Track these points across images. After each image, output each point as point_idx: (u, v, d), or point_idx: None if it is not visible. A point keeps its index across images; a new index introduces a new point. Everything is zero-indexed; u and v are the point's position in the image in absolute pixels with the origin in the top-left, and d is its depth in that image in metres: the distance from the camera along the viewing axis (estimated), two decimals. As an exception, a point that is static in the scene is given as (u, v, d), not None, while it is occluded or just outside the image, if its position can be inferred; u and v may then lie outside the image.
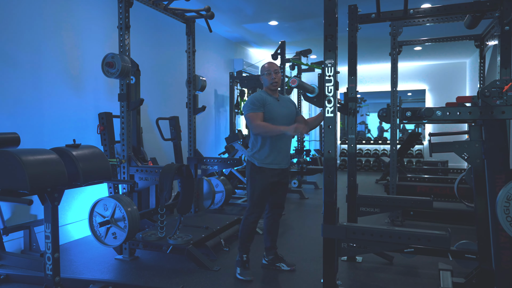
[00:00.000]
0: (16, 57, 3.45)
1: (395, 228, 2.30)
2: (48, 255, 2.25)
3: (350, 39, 3.15)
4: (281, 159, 2.90)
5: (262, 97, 2.88)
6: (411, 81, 10.51)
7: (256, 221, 2.94)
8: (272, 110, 2.87)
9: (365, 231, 2.23)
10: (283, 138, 2.86)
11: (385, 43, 7.05)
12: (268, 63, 2.95)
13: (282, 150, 2.89)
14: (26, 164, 2.03)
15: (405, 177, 5.16)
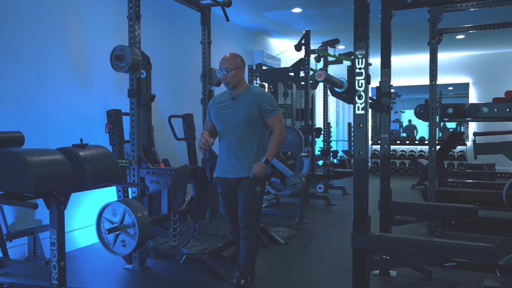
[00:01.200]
0: (19, 51, 3.55)
1: (434, 239, 2.26)
2: (53, 263, 2.31)
3: (383, 27, 3.11)
4: (224, 167, 2.87)
5: (214, 99, 2.95)
6: (453, 74, 10.29)
7: (233, 231, 3.05)
8: (216, 113, 2.89)
9: (400, 242, 2.19)
10: (226, 141, 2.84)
11: (423, 31, 6.92)
12: (222, 59, 2.87)
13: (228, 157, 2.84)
14: (31, 165, 2.08)
15: (446, 182, 5.05)
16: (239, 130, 2.82)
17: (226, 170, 2.86)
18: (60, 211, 2.29)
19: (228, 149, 2.84)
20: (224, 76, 2.83)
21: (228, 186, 2.90)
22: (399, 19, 6.19)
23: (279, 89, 6.85)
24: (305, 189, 6.06)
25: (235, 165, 2.83)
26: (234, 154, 2.83)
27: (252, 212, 2.83)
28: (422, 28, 7.12)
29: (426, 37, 4.50)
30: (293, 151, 5.35)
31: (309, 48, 6.16)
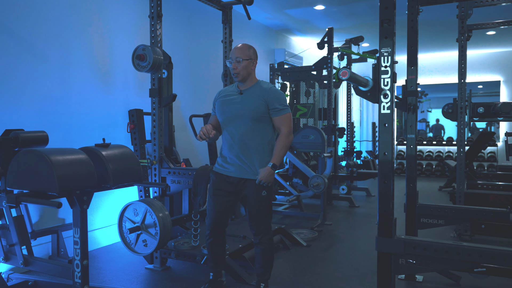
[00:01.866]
0: (44, 51, 3.65)
1: (463, 243, 2.21)
2: (76, 262, 2.37)
3: (409, 24, 3.06)
4: (230, 165, 2.69)
5: (220, 92, 2.83)
6: (483, 72, 10.04)
7: (210, 237, 2.79)
8: (221, 107, 2.74)
9: (427, 246, 2.16)
10: (233, 138, 2.67)
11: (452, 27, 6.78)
12: (233, 48, 2.75)
13: (233, 153, 2.68)
14: (55, 164, 2.14)
15: (475, 184, 4.94)
16: (244, 127, 2.65)
17: (228, 167, 2.69)
18: (83, 210, 2.35)
19: (231, 146, 2.68)
20: (234, 66, 2.66)
21: (226, 184, 2.70)
22: (426, 15, 6.08)
23: (301, 88, 6.83)
24: (328, 190, 6.02)
25: (238, 164, 2.67)
26: (238, 152, 2.66)
27: (260, 219, 2.70)
28: (450, 24, 6.97)
29: (454, 33, 4.41)
30: (315, 151, 5.32)
31: (332, 46, 6.12)
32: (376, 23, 2.22)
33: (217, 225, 2.76)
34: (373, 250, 3.18)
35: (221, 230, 2.80)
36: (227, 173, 2.70)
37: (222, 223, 2.77)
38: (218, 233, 2.79)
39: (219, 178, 2.73)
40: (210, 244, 2.82)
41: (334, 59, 6.20)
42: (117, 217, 3.06)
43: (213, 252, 2.85)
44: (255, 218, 2.70)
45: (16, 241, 2.65)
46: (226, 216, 2.78)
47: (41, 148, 2.37)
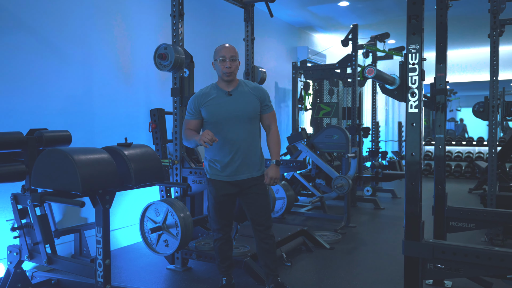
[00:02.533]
0: (66, 51, 3.74)
1: (495, 248, 2.16)
2: (99, 261, 2.42)
3: (438, 19, 3.01)
4: (236, 169, 2.68)
5: (201, 96, 2.69)
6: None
7: (220, 239, 2.81)
8: (213, 110, 2.64)
9: (457, 251, 2.12)
10: (230, 141, 2.65)
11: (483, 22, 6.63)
12: (223, 46, 2.70)
13: (235, 158, 2.67)
14: (78, 164, 2.19)
15: (508, 187, 4.82)
16: (244, 128, 2.67)
17: (234, 173, 2.69)
18: (106, 210, 2.40)
19: (228, 149, 2.66)
20: (230, 65, 2.64)
21: (230, 188, 2.71)
22: (456, 10, 5.96)
23: (324, 87, 6.80)
24: (352, 191, 5.97)
25: (245, 166, 2.69)
26: (244, 155, 2.68)
27: (269, 213, 2.81)
28: (481, 19, 6.82)
29: (486, 29, 4.31)
30: (339, 151, 5.29)
31: (356, 43, 6.06)
32: (403, 19, 2.20)
33: (227, 228, 2.85)
34: (399, 254, 3.14)
35: (230, 231, 2.89)
36: (230, 179, 2.71)
37: (230, 225, 2.89)
38: (228, 234, 2.87)
39: (220, 185, 2.73)
40: (221, 246, 2.83)
41: (358, 56, 6.14)
42: (139, 217, 3.11)
43: (224, 254, 2.85)
44: (265, 213, 2.78)
45: (40, 240, 2.73)
46: (232, 217, 2.92)
47: (64, 148, 2.43)
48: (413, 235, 2.18)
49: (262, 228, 2.78)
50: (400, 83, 2.26)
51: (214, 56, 2.73)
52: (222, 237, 2.82)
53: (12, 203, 2.75)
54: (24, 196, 2.71)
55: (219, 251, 2.85)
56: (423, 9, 2.12)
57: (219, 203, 2.76)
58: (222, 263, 2.87)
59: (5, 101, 3.29)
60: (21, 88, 3.39)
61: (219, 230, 2.82)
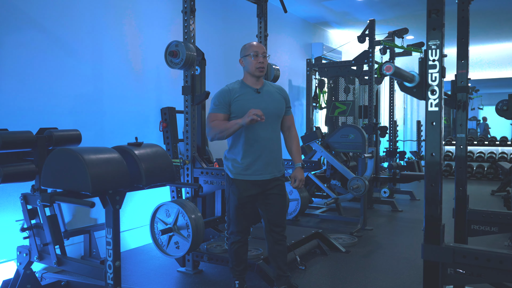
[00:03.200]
0: (76, 48, 3.79)
1: (520, 253, 2.13)
2: (109, 263, 2.44)
3: (460, 14, 2.97)
4: (261, 168, 2.70)
5: (230, 91, 2.69)
6: (542, 65, 9.60)
7: (238, 242, 2.79)
8: (244, 106, 2.65)
9: (479, 255, 2.09)
10: (260, 139, 2.67)
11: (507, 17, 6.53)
12: (253, 43, 2.76)
13: (262, 156, 2.70)
14: (88, 163, 2.21)
15: (533, 189, 4.72)
16: (271, 126, 2.72)
17: (255, 171, 2.71)
18: (116, 210, 2.41)
19: (257, 147, 2.69)
20: (262, 60, 2.70)
21: (254, 189, 2.73)
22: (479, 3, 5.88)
23: (339, 84, 6.76)
24: (369, 193, 5.93)
25: (270, 166, 2.73)
26: (271, 154, 2.72)
27: (285, 215, 2.91)
28: (505, 13, 6.71)
29: (510, 23, 4.24)
30: (355, 151, 5.25)
31: (373, 39, 6.02)
32: (422, 13, 2.18)
33: (247, 230, 2.85)
34: (418, 258, 3.11)
35: (248, 234, 2.89)
36: (256, 178, 2.72)
37: (250, 228, 2.91)
38: (246, 238, 2.87)
39: (244, 185, 2.72)
40: (238, 249, 2.83)
41: (375, 53, 6.09)
42: (149, 218, 3.13)
43: (240, 258, 2.85)
44: (283, 214, 2.85)
45: (50, 241, 2.76)
46: (252, 219, 2.94)
47: (74, 147, 2.46)
48: (433, 238, 2.15)
49: (280, 229, 2.81)
50: (420, 81, 2.24)
51: (244, 52, 2.77)
52: (240, 240, 2.81)
53: (21, 203, 2.80)
54: (34, 196, 2.75)
55: (235, 254, 2.83)
56: (444, 3, 2.09)
57: (242, 205, 2.74)
58: (237, 266, 2.86)
59: (15, 100, 3.34)
60: (31, 87, 3.44)
61: (238, 233, 2.80)
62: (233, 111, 2.69)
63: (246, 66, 2.75)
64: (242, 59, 2.78)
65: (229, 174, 2.77)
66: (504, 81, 9.61)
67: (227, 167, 2.79)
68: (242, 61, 2.77)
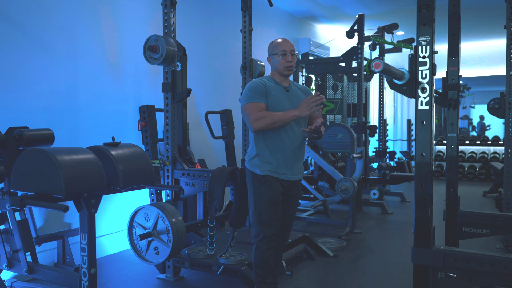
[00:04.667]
0: (49, 42, 3.73)
1: (511, 256, 2.17)
2: (83, 270, 2.41)
3: (451, 9, 3.02)
4: (290, 169, 2.68)
5: (265, 84, 2.67)
6: (534, 62, 9.80)
7: (269, 249, 2.64)
8: (276, 102, 2.64)
9: (470, 258, 2.13)
10: (291, 137, 2.65)
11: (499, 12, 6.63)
12: (282, 40, 2.76)
13: (291, 157, 2.67)
14: (61, 165, 2.19)
15: (525, 189, 4.81)
16: (297, 126, 2.69)
17: (284, 171, 2.66)
18: (91, 214, 2.39)
19: (285, 147, 2.64)
20: (291, 59, 2.70)
21: (281, 189, 2.66)
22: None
23: (328, 82, 6.80)
24: (357, 195, 5.97)
25: (297, 167, 2.73)
26: (299, 154, 2.73)
27: (294, 219, 2.91)
28: (497, 9, 6.82)
29: (502, 19, 4.31)
30: (343, 151, 5.29)
31: (363, 34, 6.06)
32: (412, 8, 2.20)
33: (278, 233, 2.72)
34: (408, 262, 3.14)
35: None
36: (285, 178, 2.66)
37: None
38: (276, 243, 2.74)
39: (276, 183, 2.65)
40: (270, 257, 2.66)
41: (365, 49, 6.14)
42: (127, 222, 3.10)
43: (270, 268, 2.68)
44: (293, 218, 2.86)
45: (20, 247, 2.72)
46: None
47: (46, 147, 2.42)
48: (423, 241, 2.18)
49: (287, 234, 2.83)
50: (410, 78, 2.27)
51: (272, 50, 2.76)
52: (272, 246, 2.66)
53: (-11, 207, 2.75)
54: (3, 200, 2.71)
55: (266, 264, 2.65)
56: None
57: (276, 204, 2.64)
58: (267, 278, 2.67)
59: (-18, 97, 3.28)
60: (0, 83, 3.38)
61: (272, 237, 2.65)
62: (267, 105, 2.63)
63: (274, 65, 2.74)
64: (270, 57, 2.77)
65: (256, 171, 2.65)
66: (496, 79, 9.78)
67: (254, 164, 2.67)
68: (270, 59, 2.77)
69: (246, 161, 2.75)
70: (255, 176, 2.66)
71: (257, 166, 2.66)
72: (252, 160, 2.69)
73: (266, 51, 2.83)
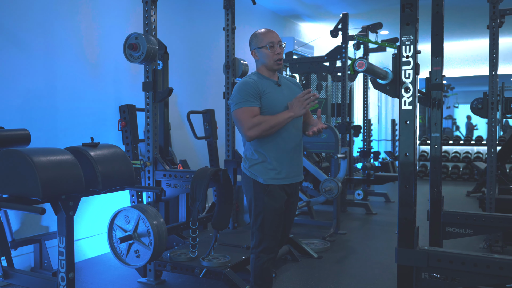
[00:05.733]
0: (25, 39, 3.67)
1: (494, 255, 2.20)
2: (61, 275, 2.38)
3: (434, 8, 3.05)
4: (294, 168, 2.56)
5: (256, 83, 2.48)
6: (517, 62, 9.98)
7: (270, 259, 2.54)
8: (273, 100, 2.48)
9: (453, 258, 2.15)
10: (289, 138, 2.51)
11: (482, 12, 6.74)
12: (267, 30, 2.58)
13: (295, 155, 2.56)
14: (38, 166, 2.15)
15: (508, 189, 4.92)
16: (295, 125, 2.55)
17: (295, 174, 2.57)
18: (69, 217, 2.36)
19: (285, 148, 2.51)
20: (279, 51, 2.53)
21: (284, 195, 2.55)
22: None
23: (312, 81, 6.83)
24: (342, 195, 6.01)
25: (299, 167, 2.61)
26: (300, 153, 2.60)
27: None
28: (480, 9, 6.94)
29: (485, 19, 4.39)
30: (328, 152, 5.31)
31: (347, 34, 6.10)
32: (396, 8, 2.22)
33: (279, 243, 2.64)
34: (392, 262, 3.17)
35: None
36: (287, 181, 2.54)
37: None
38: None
39: (279, 192, 2.52)
40: (269, 267, 2.56)
41: (349, 48, 6.19)
42: (107, 225, 3.07)
43: (270, 277, 2.61)
44: (293, 222, 2.80)
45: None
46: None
47: (22, 148, 2.38)
48: (407, 242, 2.20)
49: (285, 238, 2.76)
50: (393, 78, 2.29)
51: (258, 43, 2.55)
52: (273, 257, 2.58)
53: (-38, 210, 2.69)
54: (-23, 203, 2.66)
55: (267, 274, 2.56)
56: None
57: (279, 214, 2.52)
58: (268, 286, 2.60)
59: (-45, 96, 3.22)
60: (-27, 82, 3.32)
61: (274, 248, 2.55)
62: (263, 106, 2.47)
63: (261, 59, 2.55)
64: (255, 51, 2.56)
65: (259, 180, 2.49)
66: (480, 79, 9.95)
67: (256, 172, 2.51)
68: (255, 53, 2.56)
69: (245, 167, 2.57)
70: (258, 184, 2.50)
71: (260, 174, 2.50)
72: (253, 167, 2.52)
73: (249, 51, 2.70)
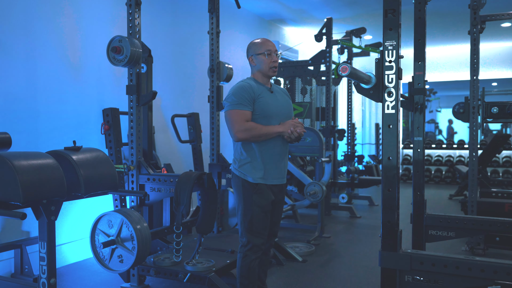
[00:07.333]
0: (6, 41, 3.62)
1: (475, 258, 2.24)
2: (43, 280, 2.35)
3: (417, 14, 3.10)
4: (280, 171, 2.72)
5: (252, 87, 2.64)
6: (497, 68, 10.17)
7: (257, 258, 2.66)
8: (267, 105, 2.65)
9: (436, 261, 2.18)
10: (277, 143, 2.67)
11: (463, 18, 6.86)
12: (265, 40, 2.75)
13: (281, 158, 2.72)
14: (18, 170, 2.13)
15: (489, 192, 4.99)
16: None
17: (280, 177, 2.72)
18: (51, 222, 2.33)
19: (275, 150, 2.67)
20: (276, 59, 2.70)
21: (272, 195, 2.69)
22: (435, 4, 6.15)
23: (296, 85, 6.86)
24: (326, 199, 6.04)
25: (282, 169, 2.74)
26: (282, 156, 2.73)
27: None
28: (462, 14, 7.06)
29: (466, 25, 4.47)
30: (312, 155, 5.34)
31: (331, 38, 6.15)
32: (379, 13, 2.25)
33: (266, 242, 2.75)
34: (376, 266, 3.20)
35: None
36: (276, 182, 2.70)
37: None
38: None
39: (268, 190, 2.66)
40: (256, 266, 2.67)
41: (333, 52, 6.23)
42: (89, 230, 3.04)
43: (256, 276, 2.69)
44: (279, 223, 2.93)
45: (-26, 257, 2.63)
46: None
47: (3, 152, 2.35)
48: (390, 245, 2.22)
49: (274, 238, 2.90)
50: (376, 82, 2.31)
51: (256, 49, 2.71)
52: (259, 256, 2.68)
53: None
54: (-45, 208, 2.61)
55: (253, 274, 2.65)
56: (400, 2, 2.18)
57: (267, 213, 2.66)
58: (254, 286, 2.68)
59: None
60: (-48, 84, 3.26)
61: (260, 246, 2.66)
62: (256, 109, 2.63)
63: (257, 65, 2.71)
64: (252, 57, 2.72)
65: (249, 179, 2.64)
66: (462, 83, 10.10)
67: (245, 171, 2.65)
68: (252, 59, 2.73)
69: (234, 168, 2.71)
70: (247, 183, 2.65)
71: (249, 173, 2.65)
72: (242, 167, 2.67)
73: (234, 55, 2.83)
